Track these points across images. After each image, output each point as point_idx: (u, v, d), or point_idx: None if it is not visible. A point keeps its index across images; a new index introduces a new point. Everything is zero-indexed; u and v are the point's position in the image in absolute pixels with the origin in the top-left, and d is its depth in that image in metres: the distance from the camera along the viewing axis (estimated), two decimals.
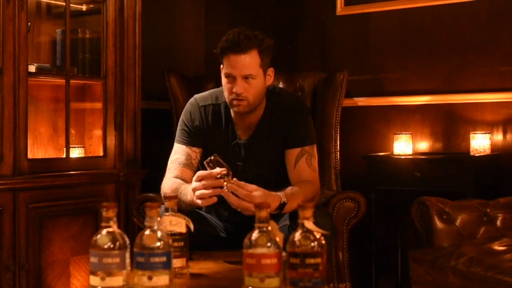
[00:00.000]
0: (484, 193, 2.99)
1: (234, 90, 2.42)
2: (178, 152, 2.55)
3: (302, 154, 2.51)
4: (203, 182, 2.20)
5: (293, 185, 2.45)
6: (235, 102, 2.45)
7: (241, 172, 2.48)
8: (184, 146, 2.55)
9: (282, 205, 2.27)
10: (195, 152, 2.54)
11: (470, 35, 3.38)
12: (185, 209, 2.34)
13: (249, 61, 2.41)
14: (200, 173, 2.23)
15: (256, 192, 2.20)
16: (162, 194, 2.46)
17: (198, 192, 2.21)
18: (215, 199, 2.21)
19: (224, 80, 2.47)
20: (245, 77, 2.41)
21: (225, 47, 2.42)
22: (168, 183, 2.47)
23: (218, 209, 2.59)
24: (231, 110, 2.54)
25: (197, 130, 2.55)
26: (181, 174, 2.48)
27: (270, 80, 2.53)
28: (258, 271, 1.53)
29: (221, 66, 2.50)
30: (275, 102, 2.57)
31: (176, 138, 2.59)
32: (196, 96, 2.65)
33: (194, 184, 2.23)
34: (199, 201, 2.23)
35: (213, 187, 2.19)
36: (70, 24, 3.00)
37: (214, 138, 2.55)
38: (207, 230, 2.52)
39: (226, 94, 2.48)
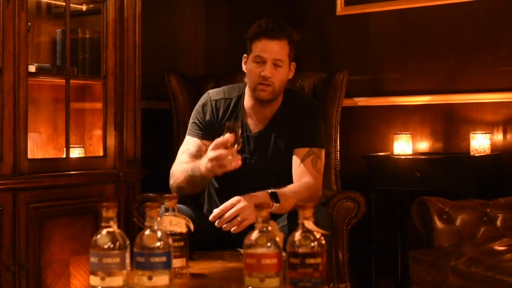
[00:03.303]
0: (484, 193, 2.99)
1: (262, 73, 2.48)
2: (189, 144, 2.58)
3: (309, 154, 2.53)
4: (217, 153, 2.22)
5: (294, 183, 2.47)
6: (260, 87, 2.50)
7: (248, 164, 2.55)
8: (195, 139, 2.58)
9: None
10: (206, 145, 2.53)
11: (470, 35, 3.38)
12: (198, 184, 2.41)
13: (280, 48, 2.49)
14: (216, 141, 2.26)
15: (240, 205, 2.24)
16: (172, 180, 2.50)
17: (215, 162, 2.23)
18: (237, 164, 2.24)
19: (251, 65, 2.52)
20: (274, 62, 2.48)
21: (258, 32, 2.49)
22: (179, 167, 2.50)
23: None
24: (247, 102, 2.58)
25: (208, 124, 2.59)
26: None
27: (291, 74, 2.60)
28: (258, 271, 1.53)
29: (244, 56, 2.57)
30: (291, 101, 2.62)
31: (188, 130, 2.63)
32: (210, 91, 2.70)
33: (210, 153, 2.25)
34: (218, 170, 2.25)
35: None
36: (70, 24, 3.00)
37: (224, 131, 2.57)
38: (207, 230, 2.52)
39: (251, 78, 2.52)
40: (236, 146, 2.24)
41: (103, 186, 3.10)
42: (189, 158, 2.53)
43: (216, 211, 2.27)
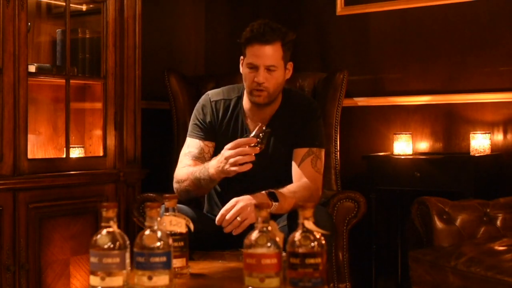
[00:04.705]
0: (484, 193, 2.99)
1: (256, 79, 2.47)
2: (191, 146, 2.59)
3: (308, 154, 2.53)
4: (238, 149, 2.26)
5: (293, 183, 2.47)
6: (255, 93, 2.50)
7: None
8: (197, 140, 2.59)
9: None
10: (208, 146, 2.58)
11: (470, 35, 3.38)
12: (205, 187, 2.43)
13: (273, 52, 2.47)
14: (239, 140, 2.29)
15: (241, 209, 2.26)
16: (176, 183, 2.51)
17: (232, 159, 2.26)
18: (250, 165, 2.27)
19: (246, 70, 2.52)
20: (267, 67, 2.47)
21: (250, 37, 2.48)
22: (183, 170, 2.52)
23: (218, 208, 2.60)
24: (246, 103, 2.59)
25: (209, 125, 2.60)
26: (194, 166, 2.51)
27: (288, 74, 2.59)
28: (258, 271, 1.53)
29: (241, 57, 2.56)
30: (290, 101, 2.62)
31: (189, 132, 2.63)
32: (209, 92, 2.70)
33: (228, 152, 2.28)
34: (234, 168, 2.27)
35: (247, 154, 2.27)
36: (70, 24, 3.00)
37: (225, 132, 2.59)
38: (207, 230, 2.52)
39: (247, 83, 2.53)
40: (259, 147, 2.26)
41: (103, 186, 3.10)
42: (192, 161, 2.53)
43: (218, 216, 2.28)
